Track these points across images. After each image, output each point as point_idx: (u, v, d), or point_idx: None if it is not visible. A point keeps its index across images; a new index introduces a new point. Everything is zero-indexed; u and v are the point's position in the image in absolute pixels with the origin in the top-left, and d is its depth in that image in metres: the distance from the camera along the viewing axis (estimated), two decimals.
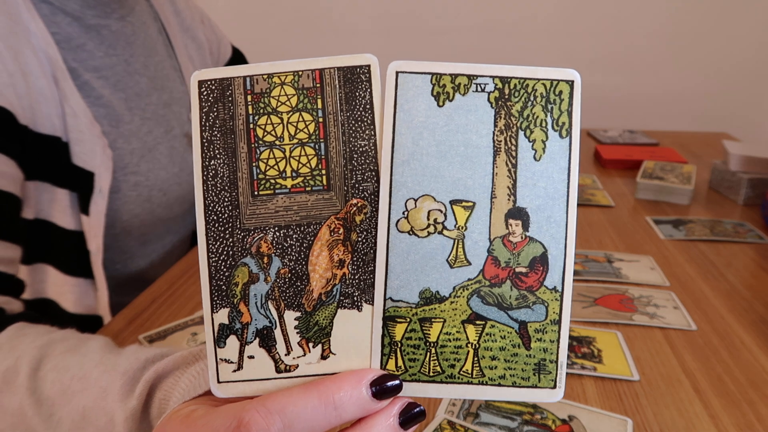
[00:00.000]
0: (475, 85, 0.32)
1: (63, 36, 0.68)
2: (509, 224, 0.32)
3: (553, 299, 0.32)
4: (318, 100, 0.32)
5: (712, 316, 0.64)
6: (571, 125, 0.32)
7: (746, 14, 1.59)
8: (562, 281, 0.32)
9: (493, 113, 0.32)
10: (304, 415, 0.28)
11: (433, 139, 0.32)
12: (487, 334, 0.32)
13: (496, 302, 0.32)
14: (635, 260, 0.77)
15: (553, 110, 0.32)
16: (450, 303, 0.32)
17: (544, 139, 0.32)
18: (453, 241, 0.32)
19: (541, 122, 0.32)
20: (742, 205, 0.99)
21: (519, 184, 0.32)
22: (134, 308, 0.64)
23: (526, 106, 0.32)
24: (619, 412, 0.49)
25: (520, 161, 0.31)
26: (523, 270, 0.32)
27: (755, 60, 1.62)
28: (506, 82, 0.32)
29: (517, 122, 0.32)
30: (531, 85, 0.32)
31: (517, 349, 0.32)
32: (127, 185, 0.71)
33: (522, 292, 0.32)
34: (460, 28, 1.68)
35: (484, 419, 0.47)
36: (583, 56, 1.67)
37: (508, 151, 0.32)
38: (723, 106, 1.67)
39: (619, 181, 1.10)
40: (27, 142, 0.62)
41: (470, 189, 0.32)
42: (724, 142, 1.07)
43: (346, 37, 1.72)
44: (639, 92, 1.68)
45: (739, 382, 0.53)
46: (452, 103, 0.32)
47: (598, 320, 0.62)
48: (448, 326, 0.32)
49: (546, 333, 0.32)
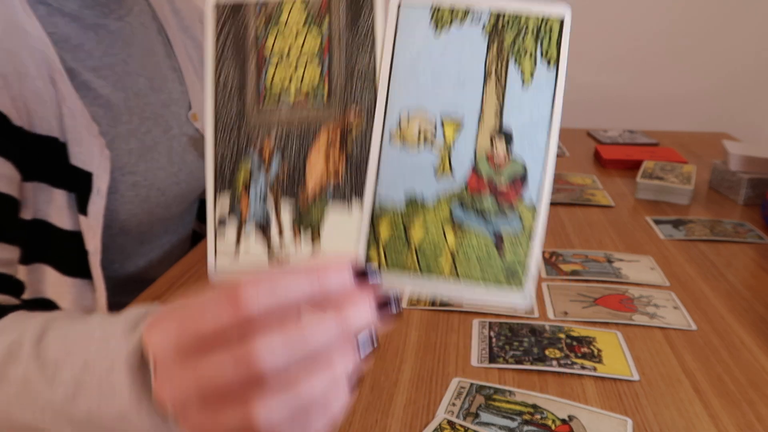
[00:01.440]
0: (471, 16, 0.35)
1: (61, 36, 0.68)
2: (494, 143, 0.35)
3: (529, 214, 0.35)
4: (325, 21, 0.36)
5: (712, 316, 0.64)
6: (558, 58, 0.35)
7: (747, 15, 1.59)
8: (540, 199, 0.35)
9: (486, 42, 0.34)
10: (292, 285, 0.30)
11: (429, 64, 0.35)
12: (465, 240, 0.35)
13: (476, 212, 0.35)
14: (635, 260, 0.77)
15: (543, 42, 0.35)
16: (433, 209, 0.35)
17: (532, 68, 0.35)
18: (440, 154, 0.35)
19: (531, 53, 0.35)
20: (742, 205, 0.99)
21: (506, 108, 0.35)
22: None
23: (518, 37, 0.34)
24: (619, 412, 0.49)
25: (508, 87, 0.34)
26: (503, 185, 0.35)
27: (755, 60, 1.62)
28: (500, 15, 0.34)
29: (508, 52, 0.35)
30: (523, 19, 0.34)
31: (492, 257, 0.35)
32: (125, 185, 0.71)
33: (501, 206, 0.35)
34: None
35: (484, 419, 0.47)
36: (584, 56, 1.67)
37: (498, 78, 0.35)
38: (723, 106, 1.67)
39: (619, 181, 1.10)
40: (24, 144, 0.62)
41: (460, 108, 0.35)
42: (724, 142, 1.07)
43: None
44: (639, 92, 1.68)
45: (739, 382, 0.53)
46: (449, 33, 0.35)
47: (598, 320, 0.62)
48: (429, 230, 0.36)
49: (520, 245, 0.35)
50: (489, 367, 0.54)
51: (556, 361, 0.55)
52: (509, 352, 0.56)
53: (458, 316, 0.63)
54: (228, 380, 0.29)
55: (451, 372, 0.54)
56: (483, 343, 0.58)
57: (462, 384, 0.52)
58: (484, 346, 0.58)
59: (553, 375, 0.54)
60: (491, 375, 0.53)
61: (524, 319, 0.62)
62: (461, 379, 0.53)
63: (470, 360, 0.56)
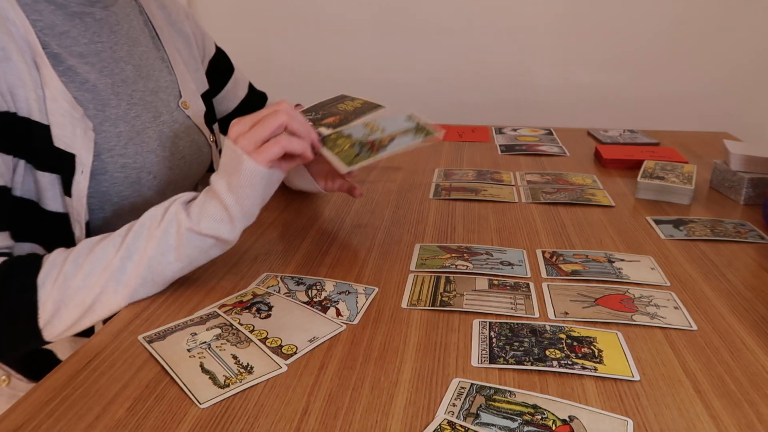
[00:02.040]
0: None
1: (46, 23, 0.70)
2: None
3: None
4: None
5: (712, 316, 0.64)
6: None
7: (747, 14, 1.59)
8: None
9: None
10: (300, 124, 0.68)
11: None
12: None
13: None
14: (636, 260, 0.77)
15: None
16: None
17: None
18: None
19: None
20: (743, 204, 0.99)
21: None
22: (134, 308, 0.64)
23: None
24: (619, 413, 0.49)
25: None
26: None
27: (756, 60, 1.62)
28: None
29: None
30: None
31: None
32: (114, 167, 0.73)
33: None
34: (460, 29, 1.68)
35: (484, 419, 0.47)
36: (584, 56, 1.67)
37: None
38: (724, 106, 1.67)
39: (620, 181, 1.10)
40: (9, 127, 0.64)
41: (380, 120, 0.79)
42: (725, 141, 1.07)
43: (346, 37, 1.72)
44: (639, 92, 1.68)
45: (740, 382, 0.53)
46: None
47: (599, 320, 0.62)
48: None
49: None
50: (489, 368, 0.54)
51: (557, 362, 0.55)
52: (509, 352, 0.56)
53: (458, 316, 0.63)
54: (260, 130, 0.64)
55: (451, 372, 0.54)
56: (483, 343, 0.58)
57: (462, 384, 0.52)
58: (484, 346, 0.57)
59: (554, 375, 0.54)
60: (491, 375, 0.53)
61: (525, 319, 0.62)
62: (461, 380, 0.52)
63: (470, 360, 0.55)
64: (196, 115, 0.88)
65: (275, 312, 0.63)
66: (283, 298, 0.66)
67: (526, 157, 1.26)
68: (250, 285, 0.69)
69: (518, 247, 0.81)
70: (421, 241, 0.82)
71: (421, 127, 0.73)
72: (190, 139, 0.86)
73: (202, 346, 0.57)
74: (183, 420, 0.48)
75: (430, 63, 1.71)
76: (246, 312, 0.63)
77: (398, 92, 1.74)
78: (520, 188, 1.05)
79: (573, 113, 1.71)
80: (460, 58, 1.71)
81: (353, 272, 0.73)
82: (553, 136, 1.43)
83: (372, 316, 0.63)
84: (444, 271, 0.73)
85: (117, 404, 0.49)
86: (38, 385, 0.52)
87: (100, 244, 0.63)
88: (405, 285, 0.70)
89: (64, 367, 0.54)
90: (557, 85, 1.69)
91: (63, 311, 0.61)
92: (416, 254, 0.78)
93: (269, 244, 0.81)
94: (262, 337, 0.59)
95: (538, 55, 1.68)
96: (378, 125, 0.75)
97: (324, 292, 0.67)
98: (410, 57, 1.71)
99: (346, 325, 0.61)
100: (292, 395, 0.51)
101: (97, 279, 0.61)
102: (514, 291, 0.68)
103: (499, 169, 1.16)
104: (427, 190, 1.03)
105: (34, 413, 0.48)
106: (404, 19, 1.68)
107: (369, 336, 0.59)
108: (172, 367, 0.54)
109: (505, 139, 1.40)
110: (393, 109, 0.82)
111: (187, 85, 0.88)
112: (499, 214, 0.92)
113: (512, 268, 0.74)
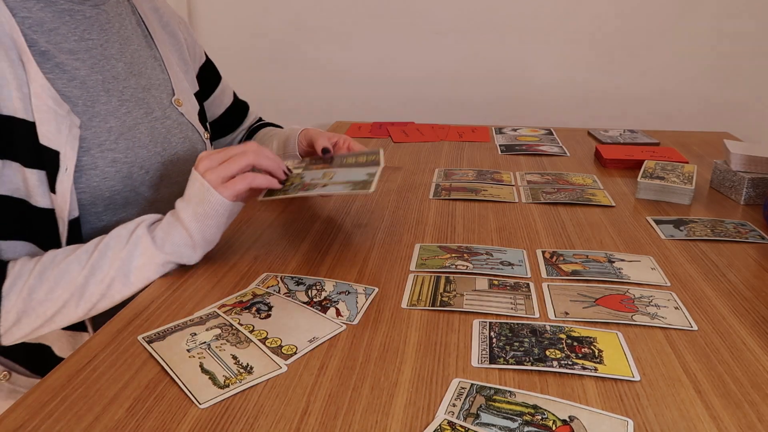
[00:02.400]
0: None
1: (35, 20, 0.70)
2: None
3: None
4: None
5: (713, 316, 0.64)
6: None
7: (748, 14, 1.58)
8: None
9: None
10: (269, 160, 0.75)
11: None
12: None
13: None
14: (636, 260, 0.77)
15: None
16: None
17: None
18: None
19: None
20: (743, 204, 0.99)
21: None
22: (133, 308, 0.64)
23: None
24: (619, 413, 0.49)
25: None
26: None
27: (756, 59, 1.62)
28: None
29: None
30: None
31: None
32: (104, 162, 0.73)
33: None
34: (460, 29, 1.68)
35: (484, 420, 0.47)
36: (584, 56, 1.67)
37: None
38: (724, 106, 1.66)
39: (620, 181, 1.10)
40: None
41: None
42: (725, 141, 1.07)
43: (346, 37, 1.72)
44: (639, 92, 1.68)
45: (741, 382, 0.53)
46: None
47: (599, 320, 0.62)
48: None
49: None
50: (489, 368, 0.54)
51: (557, 362, 0.55)
52: (510, 352, 0.56)
53: (458, 316, 0.63)
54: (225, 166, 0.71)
55: (452, 372, 0.54)
56: (483, 343, 0.58)
57: (462, 384, 0.52)
58: (484, 346, 0.57)
59: (554, 375, 0.54)
60: (491, 375, 0.53)
61: (525, 320, 0.62)
62: (461, 380, 0.52)
63: (470, 360, 0.55)
64: (189, 113, 0.89)
65: (275, 312, 0.63)
66: (283, 298, 0.66)
67: (526, 157, 1.26)
68: (250, 285, 0.69)
69: (518, 247, 0.80)
70: (421, 241, 0.82)
71: (366, 183, 0.73)
72: (183, 136, 0.86)
73: (201, 347, 0.57)
74: (183, 420, 0.48)
75: (430, 62, 1.71)
76: (246, 312, 0.63)
77: (398, 92, 1.74)
78: (520, 188, 1.05)
79: (573, 113, 1.71)
80: (460, 57, 1.70)
81: (353, 272, 0.73)
82: (553, 136, 1.43)
83: (372, 316, 0.63)
84: (444, 271, 0.73)
85: (117, 404, 0.49)
86: (38, 385, 0.52)
87: (66, 260, 0.66)
88: (405, 285, 0.70)
89: (63, 367, 0.54)
90: (557, 84, 1.69)
91: (24, 321, 0.65)
92: (416, 254, 0.78)
93: (269, 244, 0.81)
94: (262, 338, 0.59)
95: (538, 55, 1.68)
96: (334, 173, 0.79)
97: (324, 292, 0.67)
98: (410, 57, 1.71)
99: (346, 325, 0.61)
100: (292, 395, 0.51)
101: (60, 293, 0.64)
102: (514, 291, 0.68)
103: (499, 169, 1.16)
104: (427, 190, 1.03)
105: (34, 413, 0.48)
106: (404, 18, 1.68)
107: (369, 336, 0.59)
108: (171, 368, 0.54)
109: (505, 139, 1.40)
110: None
111: (180, 84, 0.89)
112: (499, 214, 0.92)
113: (512, 268, 0.74)
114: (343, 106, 1.77)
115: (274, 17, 1.72)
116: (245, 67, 1.74)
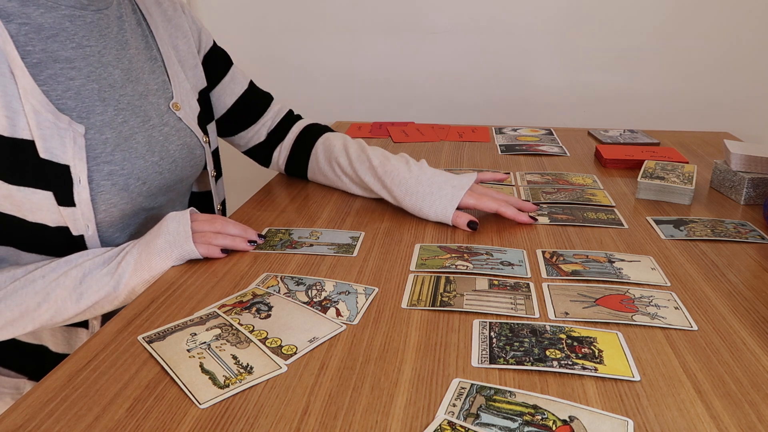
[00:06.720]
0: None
1: (33, 27, 0.68)
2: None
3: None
4: None
5: (713, 316, 0.64)
6: None
7: (748, 13, 1.58)
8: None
9: None
10: (231, 228, 0.79)
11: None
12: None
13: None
14: (636, 260, 0.77)
15: None
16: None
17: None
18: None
19: None
20: (743, 204, 0.99)
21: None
22: (133, 308, 0.64)
23: None
24: (619, 413, 0.49)
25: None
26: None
27: (757, 59, 1.62)
28: None
29: None
30: None
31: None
32: (100, 175, 0.72)
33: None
34: (460, 28, 1.68)
35: (484, 420, 0.47)
36: (584, 56, 1.67)
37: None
38: (724, 106, 1.66)
39: (620, 181, 1.10)
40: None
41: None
42: (725, 141, 1.07)
43: (346, 37, 1.72)
44: (639, 92, 1.68)
45: (741, 382, 0.53)
46: None
47: (599, 320, 0.62)
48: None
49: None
50: (489, 368, 0.54)
51: (557, 362, 0.55)
52: (510, 352, 0.56)
53: (458, 316, 0.63)
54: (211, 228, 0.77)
55: (452, 372, 0.54)
56: (483, 343, 0.58)
57: (462, 384, 0.52)
58: (484, 346, 0.57)
59: (554, 375, 0.54)
60: (491, 375, 0.53)
61: (525, 320, 0.62)
62: (461, 380, 0.52)
63: (470, 360, 0.55)
64: (187, 117, 0.87)
65: (275, 312, 0.63)
66: (283, 298, 0.66)
67: (527, 157, 1.26)
68: (250, 285, 0.69)
69: (518, 247, 0.80)
70: (421, 241, 0.82)
71: (349, 247, 0.80)
72: (182, 142, 0.84)
73: (201, 347, 0.57)
74: (183, 420, 0.48)
75: (431, 63, 1.71)
76: (246, 312, 0.63)
77: (398, 92, 1.74)
78: (521, 188, 1.05)
79: (573, 113, 1.71)
80: (461, 57, 1.70)
81: (353, 272, 0.73)
82: (553, 136, 1.43)
83: (372, 316, 0.63)
84: (444, 271, 0.73)
85: (117, 404, 0.49)
86: (38, 385, 0.52)
87: (23, 291, 0.68)
88: (405, 285, 0.70)
89: (64, 367, 0.54)
90: (557, 85, 1.69)
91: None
92: (416, 254, 0.78)
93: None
94: (262, 338, 0.59)
95: (538, 55, 1.68)
96: (321, 233, 0.84)
97: (324, 292, 0.67)
98: (410, 57, 1.71)
99: (346, 325, 0.61)
100: (292, 395, 0.51)
101: (9, 315, 0.67)
102: (514, 291, 0.68)
103: (499, 169, 1.16)
104: None
105: (34, 413, 0.48)
106: (404, 18, 1.68)
107: (369, 336, 0.59)
108: (171, 368, 0.54)
109: (505, 139, 1.40)
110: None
111: (180, 85, 0.87)
112: (499, 214, 0.92)
113: (512, 269, 0.74)
114: (343, 106, 1.77)
115: (274, 17, 1.72)
116: (245, 67, 1.74)
